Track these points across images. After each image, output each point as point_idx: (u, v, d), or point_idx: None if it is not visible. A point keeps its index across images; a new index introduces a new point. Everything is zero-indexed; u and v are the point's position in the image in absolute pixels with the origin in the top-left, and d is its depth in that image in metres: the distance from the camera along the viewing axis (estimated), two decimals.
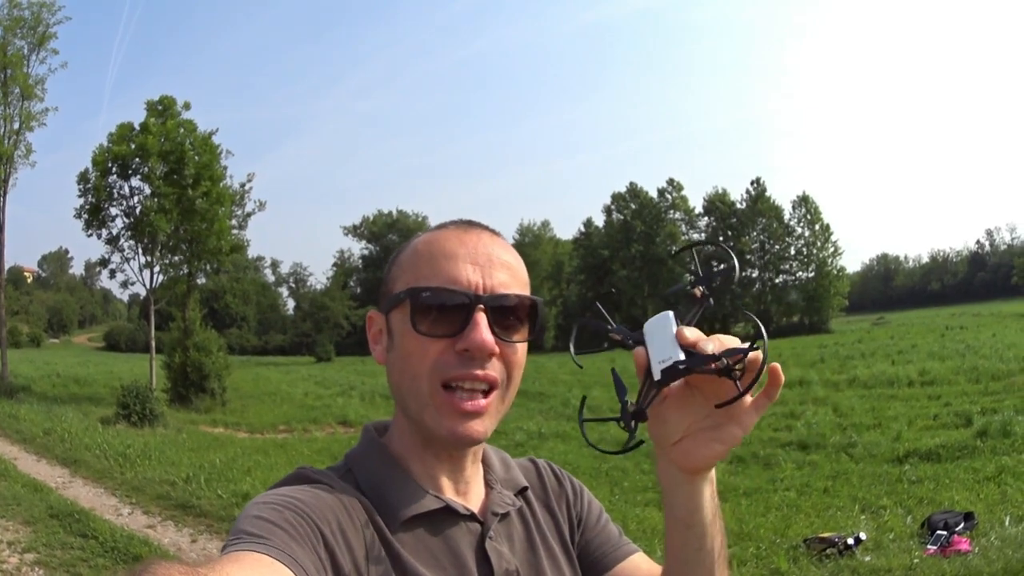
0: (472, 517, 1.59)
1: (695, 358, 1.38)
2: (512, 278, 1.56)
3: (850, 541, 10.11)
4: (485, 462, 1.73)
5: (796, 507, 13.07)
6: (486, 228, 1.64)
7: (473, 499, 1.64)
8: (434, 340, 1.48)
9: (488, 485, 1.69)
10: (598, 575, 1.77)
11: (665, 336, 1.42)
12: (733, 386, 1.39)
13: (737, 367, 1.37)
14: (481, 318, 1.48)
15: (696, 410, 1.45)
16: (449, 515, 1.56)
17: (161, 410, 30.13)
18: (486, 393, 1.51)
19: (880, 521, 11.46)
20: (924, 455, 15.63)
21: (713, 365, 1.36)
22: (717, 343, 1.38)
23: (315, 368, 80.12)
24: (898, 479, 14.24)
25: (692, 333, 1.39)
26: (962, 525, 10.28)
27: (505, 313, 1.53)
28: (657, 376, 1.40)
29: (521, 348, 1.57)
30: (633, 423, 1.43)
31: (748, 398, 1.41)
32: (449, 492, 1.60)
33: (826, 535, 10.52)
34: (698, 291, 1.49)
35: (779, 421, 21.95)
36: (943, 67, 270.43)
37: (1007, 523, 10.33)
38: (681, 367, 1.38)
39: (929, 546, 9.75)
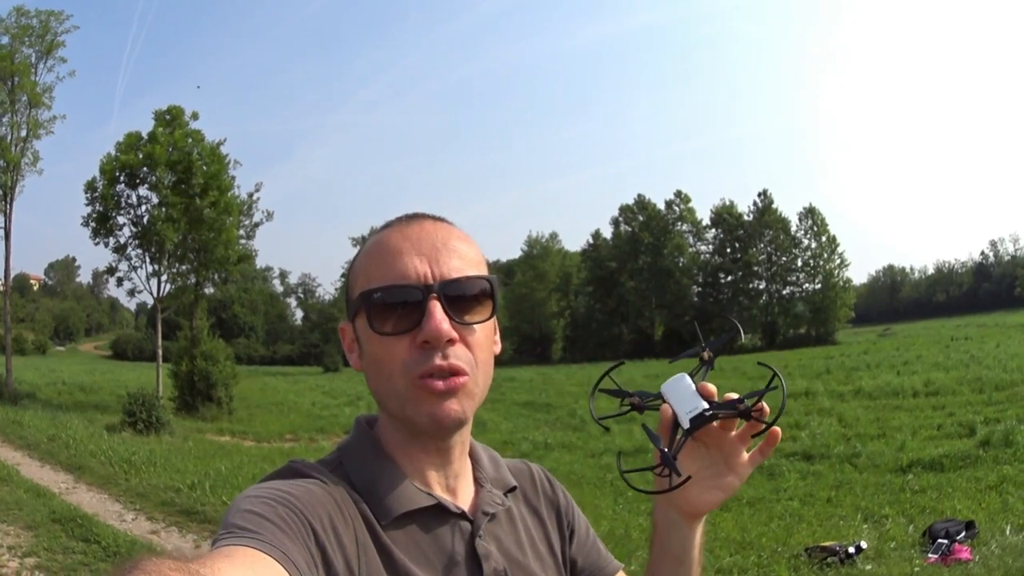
0: (463, 515, 1.59)
1: (720, 405, 1.57)
2: (462, 262, 1.55)
3: (851, 550, 10.11)
4: (474, 459, 1.72)
5: (799, 516, 13.07)
6: (430, 217, 1.63)
7: (463, 497, 1.64)
8: (396, 338, 1.49)
9: (478, 483, 1.69)
10: None
11: (686, 392, 1.58)
12: (733, 440, 1.63)
13: (755, 409, 1.57)
14: (435, 307, 1.47)
15: (700, 460, 1.64)
16: (440, 513, 1.56)
17: (167, 418, 30.17)
18: (457, 375, 1.50)
19: (882, 530, 11.46)
20: (927, 465, 15.64)
21: (739, 407, 1.56)
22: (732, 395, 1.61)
23: (323, 378, 79.97)
24: (901, 488, 14.25)
25: (711, 387, 1.58)
26: (963, 534, 10.26)
27: (460, 297, 1.52)
28: (686, 424, 1.56)
29: (481, 329, 1.56)
30: (674, 463, 1.58)
31: (745, 454, 1.65)
32: (439, 488, 1.60)
33: (827, 544, 10.51)
34: (706, 354, 1.66)
35: (784, 431, 21.55)
36: (948, 78, 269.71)
37: (1008, 532, 10.31)
38: (708, 414, 1.55)
39: (930, 555, 9.75)
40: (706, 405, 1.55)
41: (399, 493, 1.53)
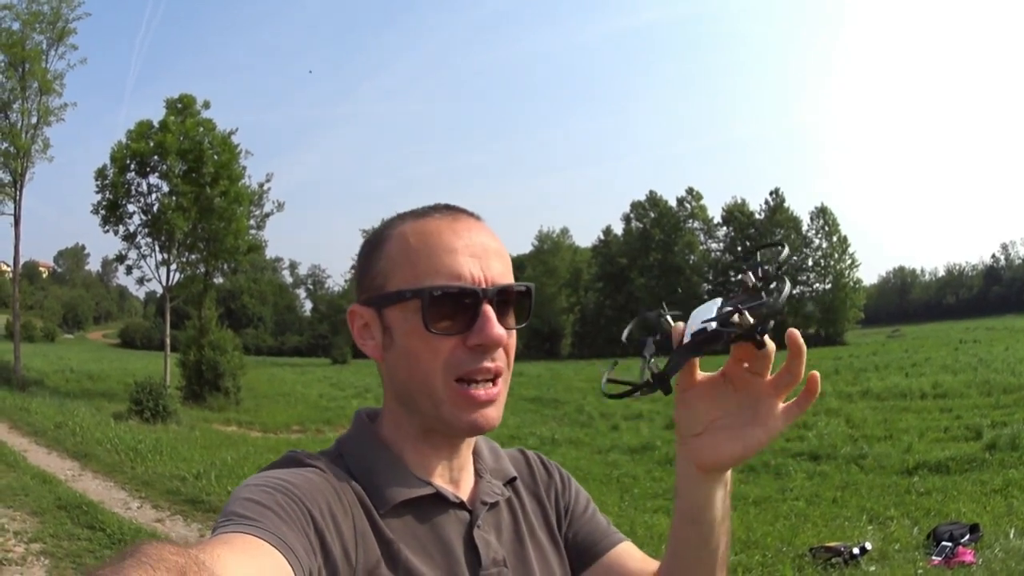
0: (461, 505, 1.59)
1: (732, 323, 1.32)
2: (504, 266, 1.55)
3: (855, 551, 10.07)
4: (475, 451, 1.71)
5: (804, 516, 13.02)
6: (469, 213, 1.61)
7: (463, 488, 1.64)
8: (445, 338, 1.48)
9: (477, 474, 1.68)
10: (586, 565, 1.76)
11: (707, 311, 1.36)
12: (767, 386, 1.40)
13: (760, 327, 1.32)
14: (491, 312, 1.48)
15: (724, 403, 1.45)
16: (438, 502, 1.56)
17: (174, 407, 30.33)
18: (494, 381, 1.52)
19: (887, 532, 11.40)
20: (933, 467, 15.57)
21: (736, 319, 1.31)
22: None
23: (331, 370, 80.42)
24: (907, 490, 14.18)
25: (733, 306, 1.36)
26: (967, 537, 10.21)
27: (505, 303, 1.53)
28: (687, 338, 1.35)
29: (514, 333, 1.58)
30: (653, 374, 1.38)
31: (780, 405, 1.42)
32: (440, 480, 1.59)
33: (832, 544, 10.47)
34: (750, 279, 1.37)
35: (791, 431, 21.83)
36: (961, 81, 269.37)
37: (1012, 536, 10.26)
38: (710, 330, 1.32)
39: (934, 557, 9.70)
40: (715, 325, 1.32)
41: (397, 482, 1.53)
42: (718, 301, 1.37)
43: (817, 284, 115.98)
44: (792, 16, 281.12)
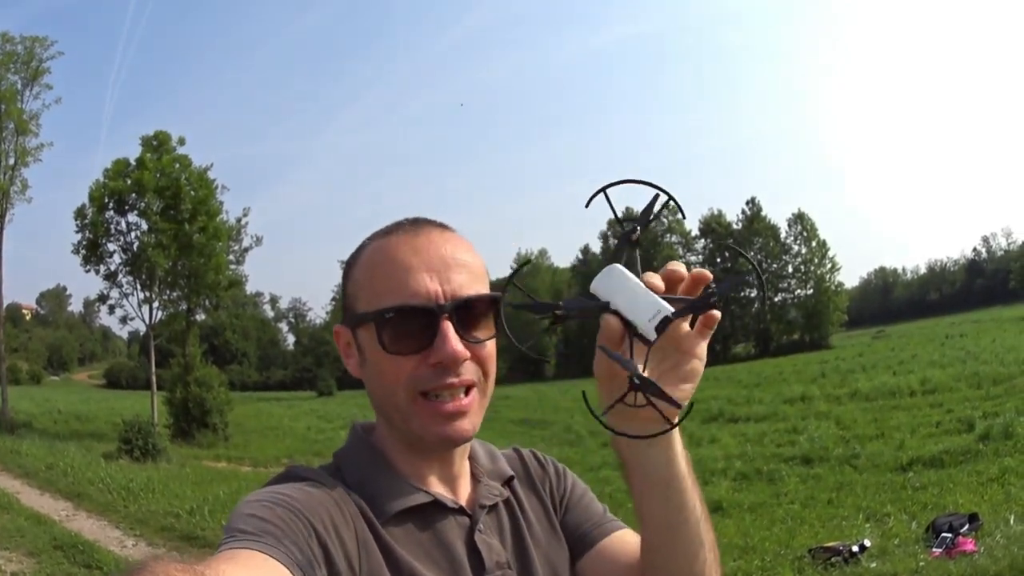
0: (460, 510, 1.61)
1: (687, 304, 1.30)
2: (470, 276, 1.56)
3: (855, 549, 10.08)
4: (471, 455, 1.74)
5: (800, 519, 13.01)
6: (435, 225, 1.62)
7: (461, 493, 1.66)
8: (406, 357, 1.50)
9: (475, 478, 1.70)
10: (583, 552, 1.75)
11: (633, 291, 1.30)
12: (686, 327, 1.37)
13: (715, 298, 1.29)
14: (448, 328, 1.48)
15: (652, 358, 1.34)
16: (438, 509, 1.58)
17: (164, 445, 30.26)
18: (466, 392, 1.53)
19: (885, 528, 11.42)
20: (927, 462, 15.56)
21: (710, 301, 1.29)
22: (686, 279, 1.37)
23: (317, 402, 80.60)
24: (902, 486, 14.19)
25: (658, 279, 1.35)
26: (967, 527, 10.23)
27: (470, 314, 1.53)
28: (652, 336, 1.28)
29: (490, 343, 1.58)
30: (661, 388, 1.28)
31: (686, 325, 1.38)
32: (437, 487, 1.61)
33: (831, 544, 10.48)
34: (635, 235, 1.40)
35: (782, 436, 21.97)
36: (935, 73, 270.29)
37: (1012, 522, 10.29)
38: (673, 317, 1.28)
39: (934, 549, 9.71)
40: (668, 306, 1.27)
41: (396, 492, 1.55)
42: (619, 268, 1.33)
43: (799, 290, 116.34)
44: (774, 21, 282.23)
